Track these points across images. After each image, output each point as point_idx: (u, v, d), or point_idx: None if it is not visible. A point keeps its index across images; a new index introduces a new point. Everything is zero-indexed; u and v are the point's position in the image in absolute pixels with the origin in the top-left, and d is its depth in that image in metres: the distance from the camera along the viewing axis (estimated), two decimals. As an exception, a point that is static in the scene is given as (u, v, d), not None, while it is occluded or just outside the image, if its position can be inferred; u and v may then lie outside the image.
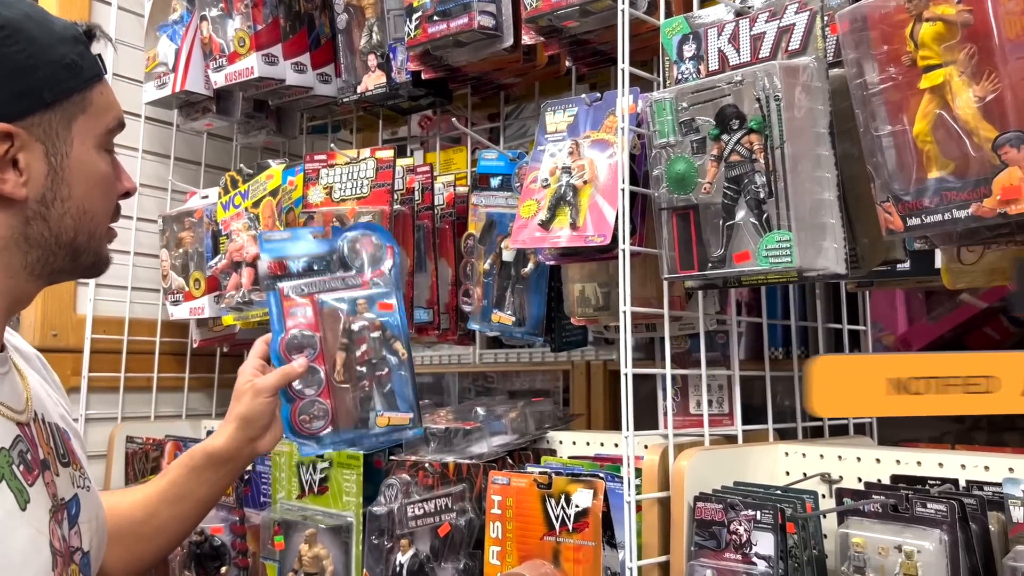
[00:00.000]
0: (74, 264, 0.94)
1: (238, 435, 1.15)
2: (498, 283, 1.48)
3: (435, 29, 1.45)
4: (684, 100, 1.03)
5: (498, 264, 1.48)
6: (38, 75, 0.88)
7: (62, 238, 0.92)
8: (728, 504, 1.03)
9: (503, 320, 1.46)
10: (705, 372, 1.19)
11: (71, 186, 0.91)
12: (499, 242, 1.49)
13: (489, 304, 1.49)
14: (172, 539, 1.19)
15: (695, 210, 1.03)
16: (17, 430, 0.90)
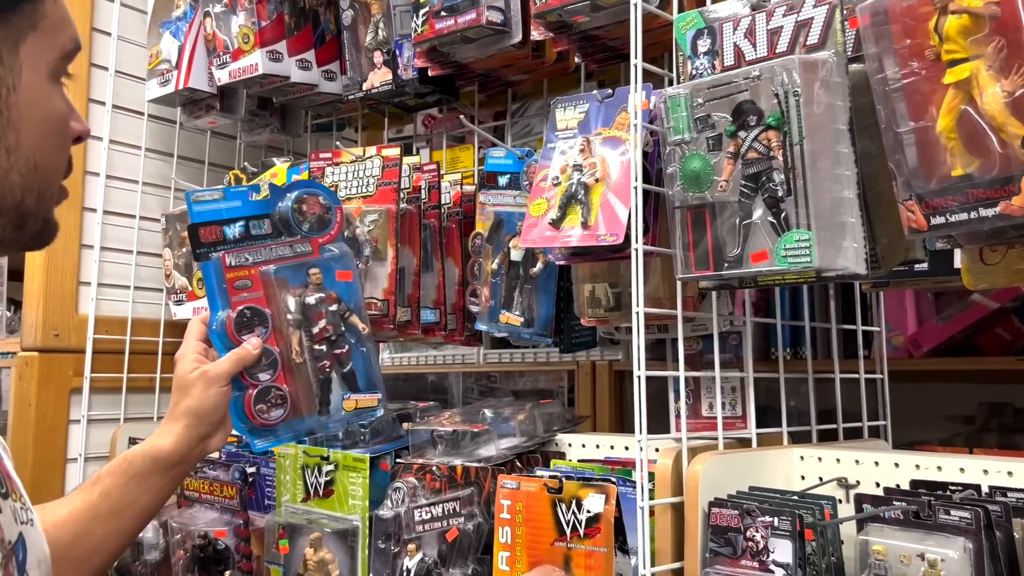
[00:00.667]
0: (16, 234, 0.73)
1: (188, 433, 1.00)
2: (506, 283, 1.46)
3: (442, 25, 1.43)
4: (699, 96, 1.01)
5: (506, 264, 1.46)
6: None
7: (6, 200, 0.70)
8: (744, 510, 1.00)
9: (511, 321, 1.43)
10: (719, 374, 1.17)
11: (19, 131, 0.69)
12: (507, 241, 1.47)
13: (497, 304, 1.47)
14: (107, 559, 1.00)
15: (711, 208, 1.00)
16: None
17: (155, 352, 1.95)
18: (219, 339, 1.04)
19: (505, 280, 1.46)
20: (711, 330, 1.22)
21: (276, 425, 1.05)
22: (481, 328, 1.51)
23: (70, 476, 1.84)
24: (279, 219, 1.06)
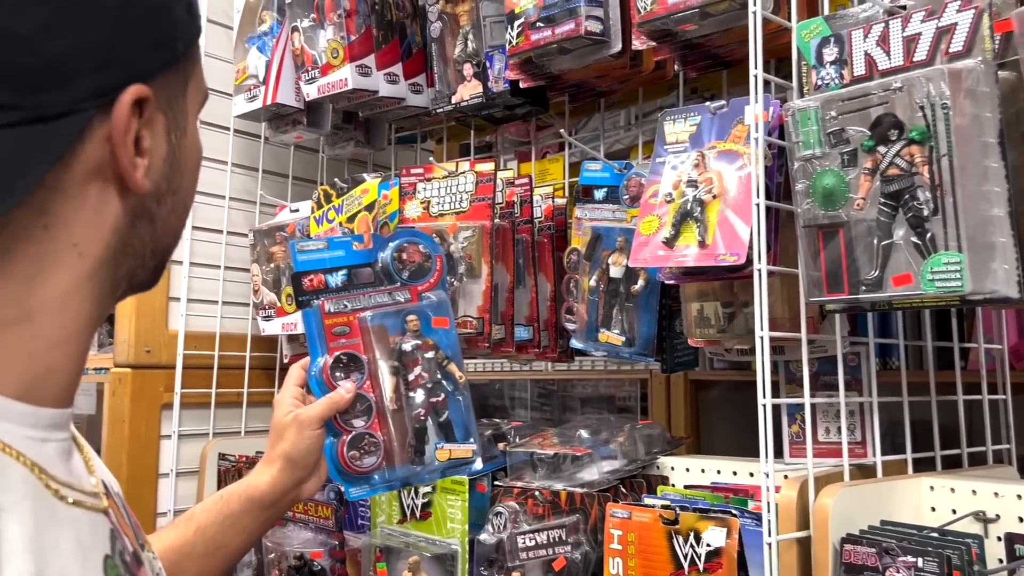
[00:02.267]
0: (151, 278, 0.69)
1: (283, 477, 0.98)
2: (605, 300, 1.41)
3: (539, 36, 1.39)
4: (832, 109, 0.95)
5: (604, 280, 1.42)
6: (173, 17, 0.62)
7: (160, 244, 0.66)
8: (883, 548, 0.94)
9: (611, 340, 1.39)
10: (844, 400, 1.11)
11: (183, 174, 0.66)
12: (605, 257, 1.43)
13: (594, 322, 1.42)
14: None
15: (844, 227, 0.94)
16: (107, 522, 0.64)
17: (243, 367, 1.96)
18: (316, 385, 1.03)
19: (604, 297, 1.41)
20: (830, 351, 1.16)
21: (370, 473, 1.03)
22: (577, 346, 1.46)
23: (162, 491, 1.85)
24: (380, 268, 1.07)
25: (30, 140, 0.54)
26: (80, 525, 0.59)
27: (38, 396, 0.59)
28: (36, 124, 0.54)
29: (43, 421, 0.60)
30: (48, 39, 0.54)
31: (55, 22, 0.54)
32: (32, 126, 0.54)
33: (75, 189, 0.58)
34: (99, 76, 0.57)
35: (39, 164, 0.55)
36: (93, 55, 0.56)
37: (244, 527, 0.97)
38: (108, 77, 0.57)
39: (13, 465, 0.56)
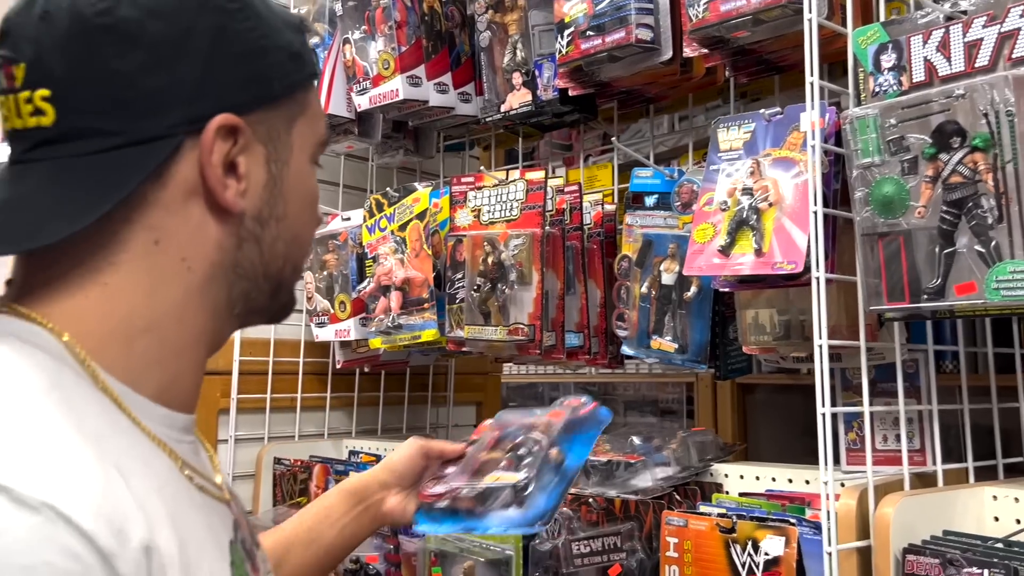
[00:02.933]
0: (272, 303, 0.76)
1: (378, 474, 1.08)
2: (656, 307, 1.41)
3: (589, 45, 1.40)
4: (891, 116, 0.94)
5: (656, 287, 1.42)
6: (268, 60, 0.70)
7: (271, 268, 0.73)
8: (947, 559, 0.93)
9: (664, 347, 1.39)
10: (903, 408, 1.10)
11: (287, 203, 0.73)
12: (656, 264, 1.43)
13: (646, 329, 1.42)
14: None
15: (905, 236, 0.94)
16: (230, 513, 0.73)
17: (296, 372, 1.99)
18: None
19: (655, 304, 1.41)
20: (888, 359, 1.15)
21: (436, 507, 1.07)
22: (629, 353, 1.47)
23: (219, 495, 1.89)
24: None
25: (129, 159, 0.64)
26: (210, 511, 0.69)
27: (169, 401, 0.69)
28: (136, 146, 0.64)
29: (177, 423, 0.70)
30: (146, 77, 0.64)
31: (152, 63, 0.64)
32: (132, 148, 0.64)
33: (176, 206, 0.67)
34: (190, 107, 0.66)
35: (135, 177, 0.64)
36: (184, 89, 0.65)
37: (336, 519, 1.05)
38: (198, 108, 0.66)
39: (160, 455, 0.66)
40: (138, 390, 0.66)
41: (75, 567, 0.52)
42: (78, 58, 0.63)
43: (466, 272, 1.55)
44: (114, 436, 0.62)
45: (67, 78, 0.63)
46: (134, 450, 0.63)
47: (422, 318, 1.62)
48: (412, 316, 1.63)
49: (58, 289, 0.65)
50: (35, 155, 0.65)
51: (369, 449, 1.90)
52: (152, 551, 0.57)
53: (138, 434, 0.65)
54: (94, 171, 0.64)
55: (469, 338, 1.51)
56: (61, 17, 0.63)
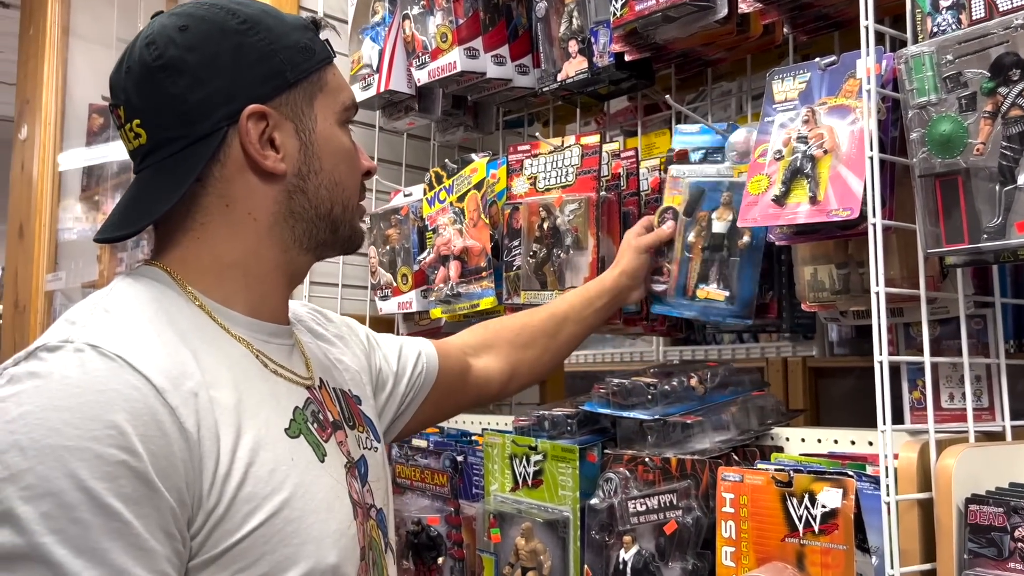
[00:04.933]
0: (334, 236, 1.01)
1: (621, 279, 1.40)
2: (702, 258, 1.37)
3: (643, 6, 1.39)
4: (948, 52, 0.92)
5: (704, 238, 1.38)
6: (279, 58, 0.94)
7: (321, 210, 0.98)
8: (1012, 507, 0.90)
9: (712, 295, 1.35)
10: (967, 360, 1.06)
11: (321, 159, 0.97)
12: (703, 218, 1.39)
13: (684, 282, 1.38)
14: (541, 357, 1.40)
15: (964, 175, 0.91)
16: (307, 393, 0.97)
17: (362, 346, 2.03)
18: None
19: (700, 255, 1.37)
20: (952, 313, 1.11)
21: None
22: (660, 310, 1.44)
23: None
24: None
25: (195, 152, 0.91)
26: (279, 386, 0.94)
27: (258, 314, 0.96)
28: (197, 143, 0.91)
29: (265, 329, 0.97)
30: (193, 93, 0.90)
31: (195, 83, 0.90)
32: (195, 144, 0.91)
33: (235, 177, 0.94)
34: (227, 107, 0.91)
35: (199, 164, 0.91)
36: (221, 95, 0.91)
37: (591, 301, 1.41)
38: (233, 106, 0.91)
39: (237, 346, 0.92)
40: (229, 306, 0.94)
41: (135, 394, 0.78)
42: (149, 92, 0.91)
43: (522, 239, 1.56)
44: (197, 331, 0.89)
45: (147, 108, 0.91)
46: (214, 340, 0.90)
47: (480, 287, 1.64)
48: (471, 285, 1.65)
49: (171, 245, 0.95)
50: (143, 165, 0.93)
51: (433, 421, 1.93)
52: (199, 396, 0.82)
53: (219, 331, 0.92)
54: (176, 166, 0.91)
55: (526, 303, 1.52)
56: (135, 69, 0.91)
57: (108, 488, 0.74)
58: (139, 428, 0.77)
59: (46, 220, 3.27)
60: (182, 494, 0.79)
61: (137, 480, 0.76)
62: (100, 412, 0.76)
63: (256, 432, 0.86)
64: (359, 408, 1.10)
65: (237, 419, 0.85)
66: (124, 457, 0.75)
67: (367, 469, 1.03)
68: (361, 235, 1.06)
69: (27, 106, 3.39)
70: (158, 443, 0.78)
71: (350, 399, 1.08)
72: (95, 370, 0.78)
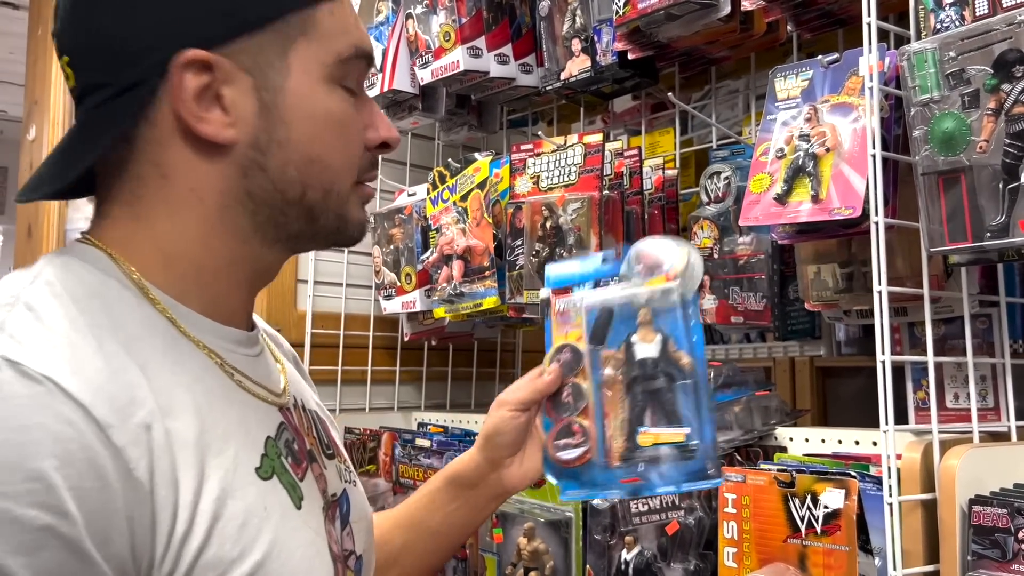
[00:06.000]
0: (313, 227, 0.77)
1: (478, 456, 0.97)
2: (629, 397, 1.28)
3: (646, 4, 1.39)
4: (951, 49, 0.91)
5: (623, 372, 1.31)
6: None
7: (289, 194, 0.74)
8: (1016, 508, 0.90)
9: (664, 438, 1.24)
10: (972, 360, 1.06)
11: (289, 127, 0.73)
12: (609, 353, 1.32)
13: (606, 437, 1.35)
14: (403, 574, 1.01)
15: (967, 173, 0.90)
16: (280, 415, 0.77)
17: (366, 346, 2.04)
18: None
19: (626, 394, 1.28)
20: (957, 312, 1.10)
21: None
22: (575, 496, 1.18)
23: (293, 463, 1.95)
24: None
25: (119, 106, 0.70)
26: (248, 409, 0.73)
27: (217, 316, 0.75)
28: (124, 94, 0.70)
29: (229, 336, 0.76)
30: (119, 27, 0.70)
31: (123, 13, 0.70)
32: (122, 96, 0.70)
33: (168, 142, 0.72)
34: (160, 50, 0.69)
35: (120, 122, 0.71)
36: (153, 34, 0.70)
37: (441, 505, 0.99)
38: (167, 50, 0.69)
39: (197, 354, 0.72)
40: (187, 304, 0.73)
41: (68, 431, 0.58)
42: (75, 22, 0.72)
43: (525, 238, 1.55)
44: (148, 337, 0.68)
45: (74, 43, 0.72)
46: (171, 349, 0.69)
47: (483, 286, 1.63)
48: (474, 284, 1.65)
49: (107, 220, 0.75)
50: (78, 112, 0.74)
51: (438, 421, 1.93)
52: (153, 430, 0.63)
53: (177, 336, 0.71)
54: (97, 121, 0.71)
55: (528, 303, 1.52)
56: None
57: (26, 565, 0.55)
58: (72, 479, 0.57)
59: (54, 220, 3.28)
60: (125, 565, 0.60)
61: (66, 551, 0.57)
62: (19, 458, 0.56)
63: (223, 474, 0.66)
64: (332, 435, 0.90)
65: (200, 458, 0.65)
66: (50, 520, 0.56)
67: (349, 507, 0.84)
68: (359, 226, 0.80)
69: (35, 107, 3.41)
70: (97, 499, 0.58)
71: (323, 422, 0.89)
72: (15, 397, 0.58)
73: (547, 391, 0.95)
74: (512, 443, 0.96)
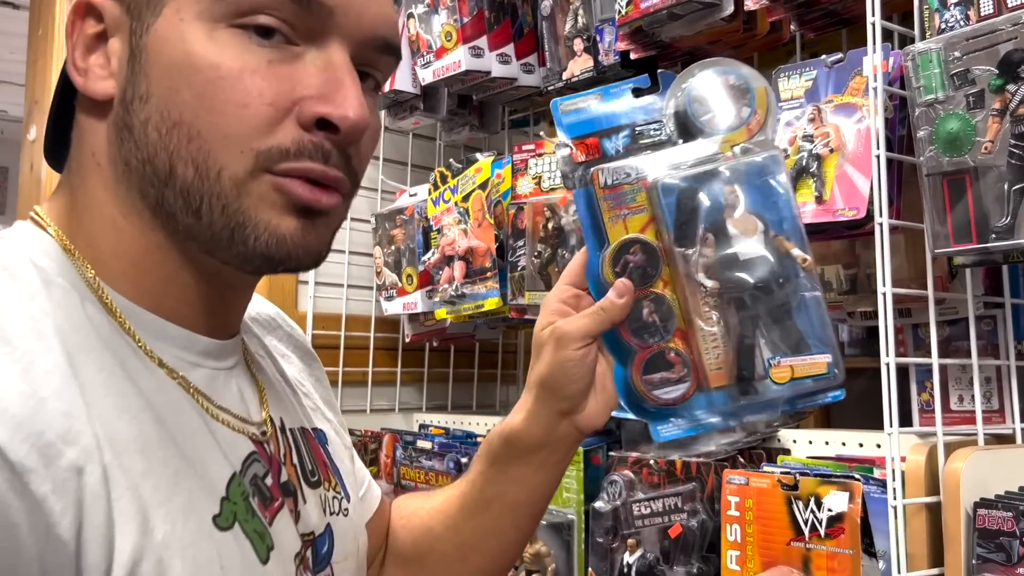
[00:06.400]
0: (199, 224, 0.58)
1: (540, 409, 0.76)
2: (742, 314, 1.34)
3: (648, 3, 1.38)
4: (956, 49, 0.90)
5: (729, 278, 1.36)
6: None
7: (157, 164, 0.58)
8: (1021, 512, 0.89)
9: (808, 369, 1.29)
10: (976, 362, 1.05)
11: (150, 80, 0.58)
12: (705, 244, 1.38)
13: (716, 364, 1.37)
14: (487, 562, 0.83)
15: (972, 174, 0.90)
16: (250, 446, 0.64)
17: (367, 347, 2.03)
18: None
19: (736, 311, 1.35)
20: (961, 313, 1.10)
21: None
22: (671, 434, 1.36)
23: (294, 464, 1.94)
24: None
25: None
26: (208, 440, 0.60)
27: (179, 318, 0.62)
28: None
29: (195, 346, 0.62)
30: None
31: None
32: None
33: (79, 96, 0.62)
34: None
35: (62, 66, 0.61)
36: None
37: (515, 475, 0.79)
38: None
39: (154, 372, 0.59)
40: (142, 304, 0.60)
41: None
42: None
43: (527, 239, 1.55)
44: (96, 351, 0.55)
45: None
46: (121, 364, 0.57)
47: (485, 287, 1.63)
48: (475, 285, 1.64)
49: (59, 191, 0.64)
50: None
51: (439, 423, 1.93)
52: (86, 474, 0.50)
53: (129, 348, 0.58)
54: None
55: (530, 304, 1.51)
56: None
57: None
58: None
59: (55, 221, 3.27)
60: None
61: None
62: None
63: (171, 528, 0.54)
64: (324, 451, 0.76)
65: (142, 506, 0.52)
66: None
67: (331, 545, 0.71)
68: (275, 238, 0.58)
69: (36, 107, 3.40)
70: (3, 563, 0.46)
71: (312, 440, 0.75)
72: None
73: (622, 317, 0.72)
74: (585, 387, 0.75)
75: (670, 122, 0.73)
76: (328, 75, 0.58)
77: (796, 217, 0.72)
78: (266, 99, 0.57)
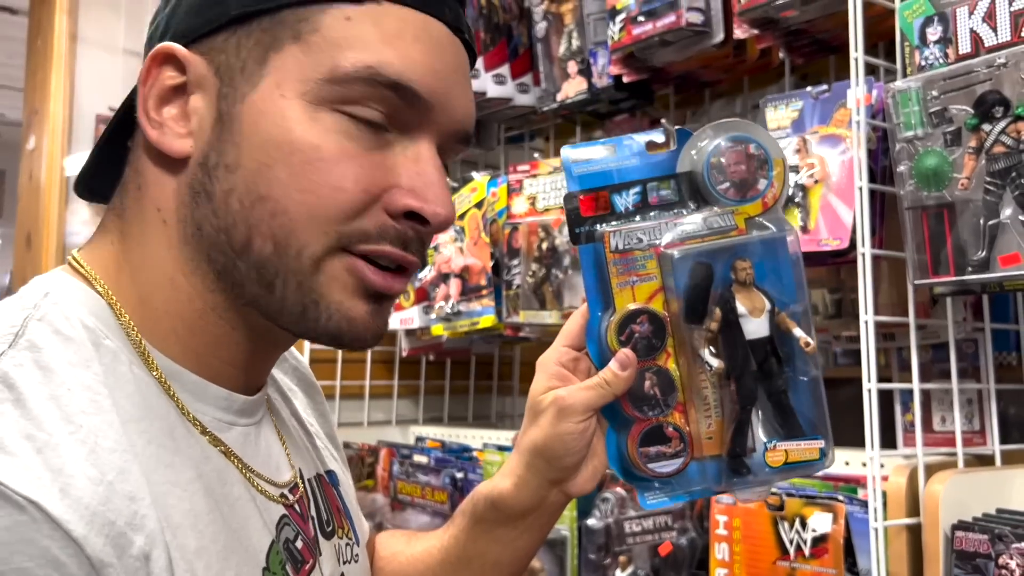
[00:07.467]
0: (270, 298, 0.58)
1: (532, 478, 0.73)
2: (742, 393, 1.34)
3: (640, 30, 1.41)
4: (934, 88, 0.93)
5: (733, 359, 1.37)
6: None
7: (234, 235, 0.57)
8: (996, 535, 0.92)
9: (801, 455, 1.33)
10: (957, 386, 1.08)
11: (240, 150, 0.57)
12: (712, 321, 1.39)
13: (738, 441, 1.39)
14: None
15: (949, 208, 0.93)
16: (282, 509, 0.64)
17: (364, 360, 2.06)
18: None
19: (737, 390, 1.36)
20: (943, 338, 1.13)
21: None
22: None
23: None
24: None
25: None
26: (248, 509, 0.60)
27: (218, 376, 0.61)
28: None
29: (231, 405, 0.62)
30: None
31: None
32: None
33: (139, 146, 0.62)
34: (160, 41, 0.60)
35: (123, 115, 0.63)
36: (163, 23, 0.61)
37: (499, 537, 0.77)
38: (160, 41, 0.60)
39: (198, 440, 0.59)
40: (180, 362, 0.59)
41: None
42: None
43: (522, 258, 1.58)
44: (147, 419, 0.54)
45: None
46: (168, 437, 0.55)
47: (480, 304, 1.66)
48: (471, 303, 1.67)
49: (101, 236, 0.62)
50: None
51: (436, 435, 1.96)
52: (152, 560, 0.50)
53: (176, 417, 0.57)
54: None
55: (525, 322, 1.55)
56: None
57: None
58: None
59: (53, 230, 3.30)
60: None
61: None
62: None
63: None
64: (337, 494, 0.76)
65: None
66: None
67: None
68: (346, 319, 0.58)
69: (35, 117, 3.43)
70: None
71: (327, 486, 0.75)
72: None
73: (624, 390, 0.69)
74: (581, 459, 0.73)
75: (683, 183, 0.71)
76: (419, 168, 0.59)
77: (805, 299, 0.71)
78: (361, 185, 0.57)
